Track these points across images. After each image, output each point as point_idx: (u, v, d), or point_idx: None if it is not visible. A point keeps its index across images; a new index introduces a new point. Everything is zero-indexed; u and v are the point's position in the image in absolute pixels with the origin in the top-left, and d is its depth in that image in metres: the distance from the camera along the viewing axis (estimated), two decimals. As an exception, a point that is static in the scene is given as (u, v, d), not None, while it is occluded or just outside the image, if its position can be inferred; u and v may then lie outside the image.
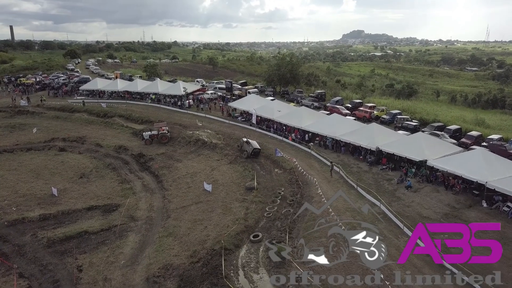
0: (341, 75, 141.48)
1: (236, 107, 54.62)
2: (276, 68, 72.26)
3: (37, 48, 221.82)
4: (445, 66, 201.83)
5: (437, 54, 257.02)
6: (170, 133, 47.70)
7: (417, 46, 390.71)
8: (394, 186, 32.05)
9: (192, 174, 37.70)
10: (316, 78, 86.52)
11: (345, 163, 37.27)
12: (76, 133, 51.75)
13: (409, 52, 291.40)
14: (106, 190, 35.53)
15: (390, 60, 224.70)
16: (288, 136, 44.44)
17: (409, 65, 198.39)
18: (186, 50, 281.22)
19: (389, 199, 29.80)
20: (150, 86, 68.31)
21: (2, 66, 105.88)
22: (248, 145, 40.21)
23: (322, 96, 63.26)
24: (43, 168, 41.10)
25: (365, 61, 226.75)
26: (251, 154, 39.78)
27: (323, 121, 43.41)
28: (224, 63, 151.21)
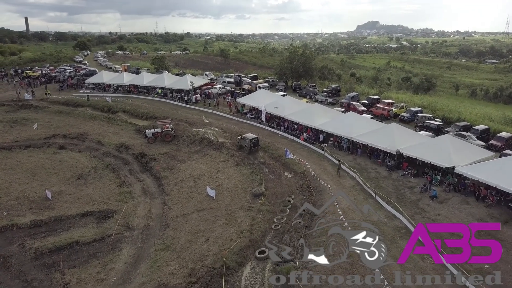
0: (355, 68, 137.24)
1: (244, 103, 51.63)
2: (288, 61, 68.63)
3: (51, 40, 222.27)
4: (463, 58, 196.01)
5: (455, 46, 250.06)
6: (174, 131, 45.06)
7: (433, 37, 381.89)
8: (417, 195, 28.81)
9: (196, 177, 35.01)
10: (330, 71, 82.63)
11: (362, 167, 34.12)
12: (78, 129, 49.61)
13: (425, 43, 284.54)
14: (103, 194, 33.13)
15: (406, 52, 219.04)
16: (299, 136, 41.32)
17: (425, 57, 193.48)
18: (199, 42, 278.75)
19: (412, 211, 26.63)
20: (157, 79, 65.73)
21: (10, 58, 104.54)
22: (245, 140, 38.68)
23: (336, 91, 59.69)
24: (40, 167, 38.99)
25: (380, 53, 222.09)
26: (252, 146, 38.15)
27: (338, 119, 40.15)
28: (235, 55, 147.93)
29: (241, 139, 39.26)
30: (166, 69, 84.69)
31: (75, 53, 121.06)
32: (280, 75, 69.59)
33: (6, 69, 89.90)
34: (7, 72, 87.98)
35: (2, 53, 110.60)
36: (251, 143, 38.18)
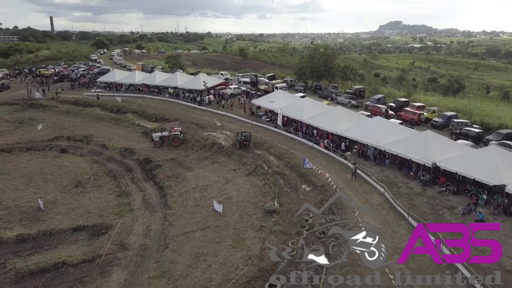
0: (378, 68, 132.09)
1: (259, 104, 47.80)
2: (308, 60, 64.26)
3: (74, 39, 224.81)
4: (491, 58, 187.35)
5: (482, 46, 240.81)
6: (183, 135, 41.71)
7: (458, 37, 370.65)
8: (459, 217, 24.40)
9: (203, 187, 31.43)
10: (353, 71, 77.87)
11: (391, 181, 29.84)
12: (83, 131, 46.94)
13: (450, 43, 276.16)
14: (100, 205, 29.91)
15: (431, 52, 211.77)
16: (319, 143, 37.23)
17: (451, 58, 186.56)
18: (219, 41, 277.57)
19: (454, 238, 22.37)
20: (169, 79, 62.61)
21: (26, 56, 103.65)
22: (237, 136, 38.25)
23: (360, 92, 55.15)
24: (38, 172, 36.24)
25: (403, 53, 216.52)
26: (242, 140, 37.36)
27: (364, 125, 35.88)
28: (255, 54, 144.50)
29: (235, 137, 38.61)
30: (181, 68, 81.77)
31: (91, 52, 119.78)
32: (299, 75, 65.29)
33: (20, 67, 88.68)
34: (22, 70, 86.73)
35: (19, 51, 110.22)
36: (241, 137, 37.39)
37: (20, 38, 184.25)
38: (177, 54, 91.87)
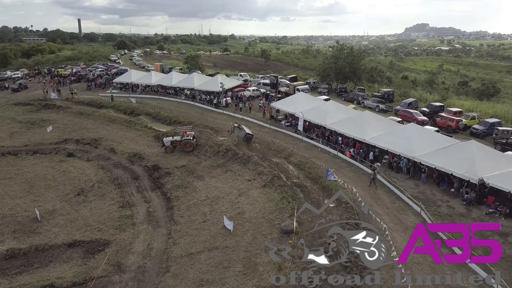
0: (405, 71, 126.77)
1: (279, 108, 44.36)
2: (332, 61, 60.29)
3: (100, 40, 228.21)
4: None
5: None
6: (196, 140, 38.74)
7: (488, 40, 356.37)
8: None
9: (213, 199, 28.26)
10: (380, 73, 73.37)
11: (428, 199, 25.90)
12: (93, 134, 44.73)
13: (479, 46, 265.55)
14: (101, 217, 27.16)
15: (460, 55, 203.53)
16: (345, 151, 33.53)
17: (482, 61, 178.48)
18: (242, 43, 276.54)
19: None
20: (186, 80, 60.00)
21: (47, 57, 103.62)
22: (240, 130, 36.93)
23: (389, 96, 50.96)
24: (41, 178, 34.03)
25: (431, 56, 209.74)
26: (243, 139, 36.40)
27: (395, 132, 31.96)
28: (277, 56, 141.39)
29: (237, 128, 37.47)
30: (200, 69, 79.25)
31: (111, 52, 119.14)
32: (323, 77, 61.34)
33: (40, 68, 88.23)
34: (41, 70, 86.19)
35: (41, 51, 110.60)
36: (245, 137, 36.46)
37: (49, 39, 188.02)
38: (196, 54, 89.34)
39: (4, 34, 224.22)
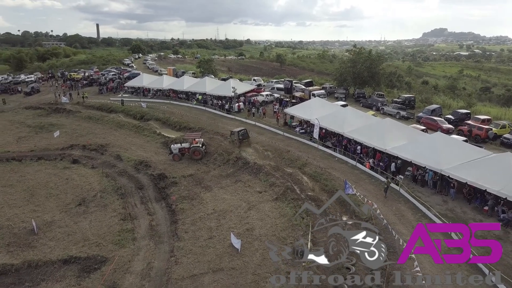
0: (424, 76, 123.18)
1: (293, 114, 42.08)
2: (350, 65, 57.69)
3: (117, 45, 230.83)
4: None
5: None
6: (206, 147, 36.81)
7: (509, 45, 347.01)
8: None
9: (221, 213, 26.16)
10: (400, 78, 70.38)
11: (458, 217, 23.26)
12: (101, 139, 43.36)
13: (500, 51, 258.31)
14: (100, 230, 25.36)
15: (480, 60, 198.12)
16: (364, 162, 31.05)
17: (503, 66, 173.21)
18: (258, 48, 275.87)
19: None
20: (197, 84, 58.33)
21: (61, 60, 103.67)
22: (234, 134, 37.26)
23: (410, 102, 48.15)
24: (43, 186, 32.61)
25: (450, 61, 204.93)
26: (240, 138, 36.72)
27: (420, 141, 29.39)
28: (292, 61, 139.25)
29: (231, 135, 37.72)
30: (213, 73, 77.63)
31: (125, 56, 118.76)
32: (340, 81, 58.77)
33: (53, 71, 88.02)
34: (54, 74, 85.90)
35: (57, 55, 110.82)
36: (240, 135, 36.77)
37: (67, 44, 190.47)
38: (208, 58, 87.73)
39: (25, 39, 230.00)
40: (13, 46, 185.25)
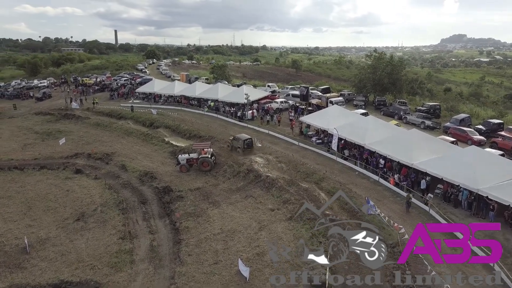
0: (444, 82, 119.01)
1: (310, 122, 39.45)
2: (370, 71, 54.76)
3: (134, 51, 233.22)
4: None
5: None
6: (215, 158, 34.49)
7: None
8: None
9: (228, 234, 23.66)
10: (421, 84, 66.98)
11: (504, 247, 20.22)
12: (107, 147, 41.59)
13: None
14: (96, 251, 23.16)
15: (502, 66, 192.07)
16: (388, 177, 28.17)
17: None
18: (273, 54, 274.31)
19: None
20: (210, 90, 56.23)
21: (75, 65, 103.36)
22: (238, 141, 36.03)
23: (436, 110, 44.93)
24: (42, 198, 30.81)
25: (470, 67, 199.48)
26: (245, 147, 35.56)
27: (451, 156, 26.41)
28: (308, 66, 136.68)
29: (234, 140, 36.56)
30: (226, 79, 75.59)
31: (139, 61, 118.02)
32: (359, 88, 55.83)
33: (66, 76, 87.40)
34: (67, 79, 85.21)
35: (71, 60, 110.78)
36: (245, 143, 35.68)
37: (85, 49, 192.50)
38: (222, 64, 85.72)
39: (45, 45, 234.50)
40: (33, 51, 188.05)
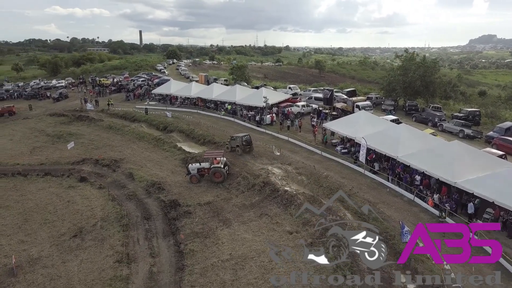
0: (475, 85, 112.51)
1: (334, 130, 35.86)
2: (400, 73, 50.43)
3: (158, 51, 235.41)
4: None
5: None
6: (229, 167, 31.42)
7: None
8: None
9: (239, 260, 20.47)
10: (455, 88, 62.00)
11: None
12: (116, 153, 39.33)
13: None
14: (89, 276, 20.44)
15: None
16: (426, 197, 24.34)
17: None
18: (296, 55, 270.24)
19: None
20: (227, 93, 53.33)
21: (94, 66, 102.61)
22: (235, 140, 35.15)
23: (475, 117, 40.44)
24: (41, 209, 28.64)
25: (502, 69, 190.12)
26: (244, 145, 34.70)
27: (502, 173, 22.41)
28: (332, 67, 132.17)
29: (232, 140, 35.62)
30: (246, 80, 72.58)
31: (158, 61, 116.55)
32: (387, 91, 51.59)
33: (84, 77, 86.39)
34: (85, 79, 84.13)
35: (91, 60, 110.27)
36: (244, 141, 34.77)
37: (111, 50, 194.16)
38: (242, 65, 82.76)
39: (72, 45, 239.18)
40: (60, 51, 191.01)
